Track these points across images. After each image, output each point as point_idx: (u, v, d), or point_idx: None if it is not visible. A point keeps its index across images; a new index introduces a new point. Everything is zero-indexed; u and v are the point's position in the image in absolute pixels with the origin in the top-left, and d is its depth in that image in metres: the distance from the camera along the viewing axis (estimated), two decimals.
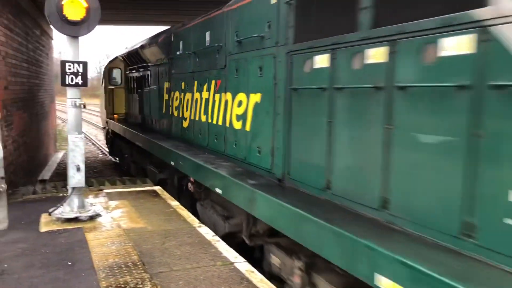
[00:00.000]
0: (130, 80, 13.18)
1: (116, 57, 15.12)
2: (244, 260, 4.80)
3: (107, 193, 7.66)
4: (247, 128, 5.54)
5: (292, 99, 4.59)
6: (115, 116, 14.28)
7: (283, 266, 4.55)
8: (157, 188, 8.10)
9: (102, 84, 15.69)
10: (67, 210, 6.13)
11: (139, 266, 4.57)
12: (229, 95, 6.07)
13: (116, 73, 14.65)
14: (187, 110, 7.68)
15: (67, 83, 5.92)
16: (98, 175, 14.30)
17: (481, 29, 2.65)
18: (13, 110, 9.74)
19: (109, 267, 4.54)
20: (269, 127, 5.03)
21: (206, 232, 5.70)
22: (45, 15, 5.82)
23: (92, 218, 6.17)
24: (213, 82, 6.60)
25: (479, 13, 2.66)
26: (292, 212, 3.87)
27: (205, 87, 6.91)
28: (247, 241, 5.22)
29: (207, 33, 6.75)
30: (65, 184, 8.50)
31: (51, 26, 5.79)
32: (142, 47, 11.00)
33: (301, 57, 4.40)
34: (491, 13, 2.59)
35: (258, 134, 5.31)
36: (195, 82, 7.33)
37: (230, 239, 5.49)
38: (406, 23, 3.17)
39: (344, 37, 3.80)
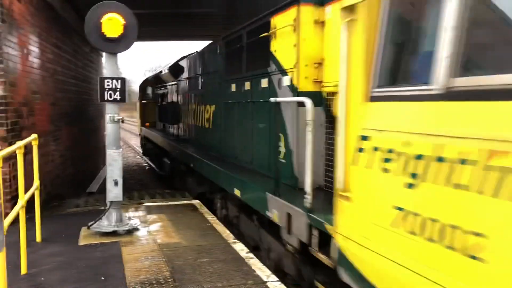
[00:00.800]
0: (157, 96, 16.16)
1: (147, 78, 19.25)
2: (277, 279, 4.64)
3: (147, 207, 7.73)
4: (211, 126, 8.44)
5: (226, 109, 7.46)
6: (147, 124, 17.45)
7: (217, 204, 7.65)
8: (196, 202, 8.09)
9: (138, 99, 19.92)
10: (105, 224, 6.22)
11: (170, 282, 4.52)
12: (204, 106, 8.91)
13: (148, 90, 18.05)
14: (189, 118, 10.40)
15: (105, 99, 6.03)
16: (143, 187, 14.56)
17: (269, 76, 5.63)
18: (61, 125, 10.09)
19: (140, 283, 4.52)
20: (220, 127, 7.85)
21: (241, 248, 5.59)
22: None
23: (129, 232, 6.22)
24: (198, 97, 9.50)
25: (270, 69, 5.58)
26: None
27: (194, 100, 9.82)
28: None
29: (188, 66, 10.39)
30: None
31: (90, 43, 5.93)
32: (160, 72, 14.77)
33: (227, 83, 7.33)
34: (272, 69, 5.56)
35: (222, 131, 7.80)
36: (192, 97, 10.05)
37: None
38: (254, 72, 6.16)
39: (236, 74, 6.89)
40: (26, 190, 5.23)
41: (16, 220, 5.39)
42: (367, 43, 3.14)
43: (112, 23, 5.81)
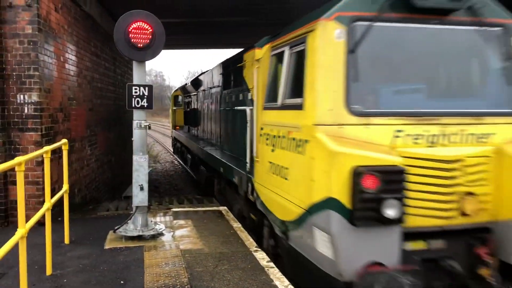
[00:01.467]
0: (184, 103, 18.99)
1: (177, 88, 23.90)
2: None
3: (174, 212, 7.81)
4: (214, 127, 10.65)
5: (222, 114, 9.43)
6: (177, 127, 20.40)
7: (215, 181, 10.40)
8: (223, 208, 8.11)
9: (171, 106, 23.80)
10: (131, 228, 6.32)
11: None
12: (212, 112, 11.06)
13: (178, 99, 21.07)
14: (204, 121, 12.42)
15: (133, 105, 6.15)
16: (178, 192, 14.77)
17: (243, 92, 7.50)
18: (97, 130, 10.40)
19: None
20: (218, 127, 9.98)
21: (262, 257, 5.54)
22: None
23: (154, 237, 6.29)
24: (208, 105, 11.56)
25: (242, 88, 7.51)
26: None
27: (206, 107, 11.91)
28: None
29: (203, 81, 12.59)
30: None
31: (119, 50, 6.08)
32: (186, 84, 18.35)
33: (223, 96, 9.33)
34: (243, 88, 7.40)
35: (219, 130, 9.91)
36: (205, 105, 12.07)
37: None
38: (235, 88, 8.28)
39: (227, 89, 8.97)
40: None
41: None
42: (263, 79, 6.01)
43: (140, 32, 5.93)
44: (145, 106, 6.22)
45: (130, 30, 5.95)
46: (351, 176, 3.92)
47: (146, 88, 6.19)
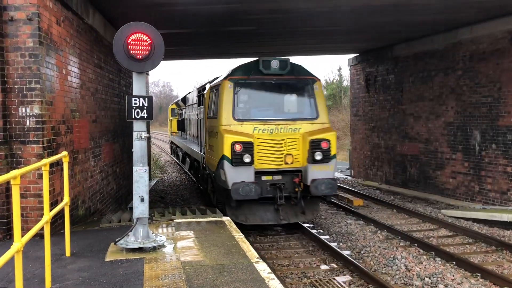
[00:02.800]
0: (177, 114, 25.56)
1: (173, 102, 30.53)
2: None
3: (177, 223, 7.78)
4: (193, 131, 16.32)
5: (195, 122, 15.35)
6: (173, 133, 27.07)
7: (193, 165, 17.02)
8: (226, 219, 8.06)
9: (168, 116, 30.50)
10: (132, 240, 6.29)
11: None
12: (191, 121, 16.40)
13: (175, 111, 27.31)
14: (189, 128, 18.00)
15: (132, 117, 6.15)
16: (184, 203, 14.74)
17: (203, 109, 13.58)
18: (101, 141, 10.42)
19: None
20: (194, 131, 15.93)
21: (263, 268, 5.48)
22: None
23: (155, 248, 6.25)
24: (190, 116, 16.88)
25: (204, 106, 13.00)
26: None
27: (189, 118, 17.82)
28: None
29: (189, 98, 17.95)
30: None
31: (118, 62, 6.09)
32: (178, 100, 25.45)
33: (197, 109, 14.83)
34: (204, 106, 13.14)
35: (195, 132, 15.27)
36: (188, 116, 18.11)
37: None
38: (200, 105, 13.99)
39: (197, 105, 14.77)
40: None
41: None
42: (207, 102, 11.61)
43: (139, 43, 5.94)
44: (145, 117, 6.22)
45: (129, 41, 5.97)
46: (231, 145, 9.17)
47: (146, 99, 6.19)
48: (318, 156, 9.45)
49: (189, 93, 18.17)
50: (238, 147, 9.08)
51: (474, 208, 12.20)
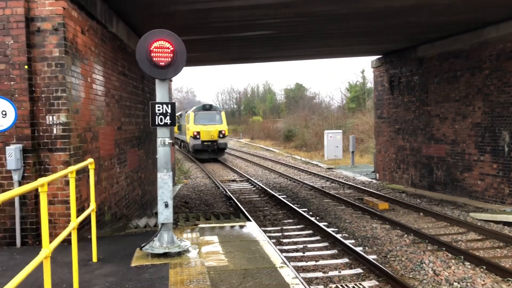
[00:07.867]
0: (177, 122, 36.32)
1: (177, 114, 42.88)
2: None
3: (201, 228, 7.81)
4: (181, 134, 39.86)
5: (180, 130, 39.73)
6: (175, 132, 37.44)
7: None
8: (249, 223, 8.06)
9: None
10: (157, 245, 6.34)
11: None
12: (181, 128, 39.56)
13: (179, 119, 39.30)
14: (181, 130, 39.89)
15: (156, 123, 6.22)
16: (208, 208, 14.81)
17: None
18: (126, 148, 10.57)
19: None
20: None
21: (287, 273, 5.45)
22: None
23: (179, 254, 6.30)
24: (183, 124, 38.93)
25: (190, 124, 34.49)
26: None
27: (181, 124, 39.70)
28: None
29: (182, 115, 39.76)
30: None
31: (141, 69, 6.18)
32: (177, 114, 34.59)
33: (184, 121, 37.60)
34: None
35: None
36: (182, 124, 39.12)
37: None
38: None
39: (185, 122, 37.99)
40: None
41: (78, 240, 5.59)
42: (188, 119, 34.97)
43: (161, 50, 6.01)
44: (168, 123, 6.30)
45: (151, 49, 6.06)
46: (192, 133, 31.30)
47: (169, 106, 6.26)
48: (221, 135, 30.31)
49: (180, 113, 40.26)
50: (195, 133, 30.30)
51: (505, 210, 11.88)
